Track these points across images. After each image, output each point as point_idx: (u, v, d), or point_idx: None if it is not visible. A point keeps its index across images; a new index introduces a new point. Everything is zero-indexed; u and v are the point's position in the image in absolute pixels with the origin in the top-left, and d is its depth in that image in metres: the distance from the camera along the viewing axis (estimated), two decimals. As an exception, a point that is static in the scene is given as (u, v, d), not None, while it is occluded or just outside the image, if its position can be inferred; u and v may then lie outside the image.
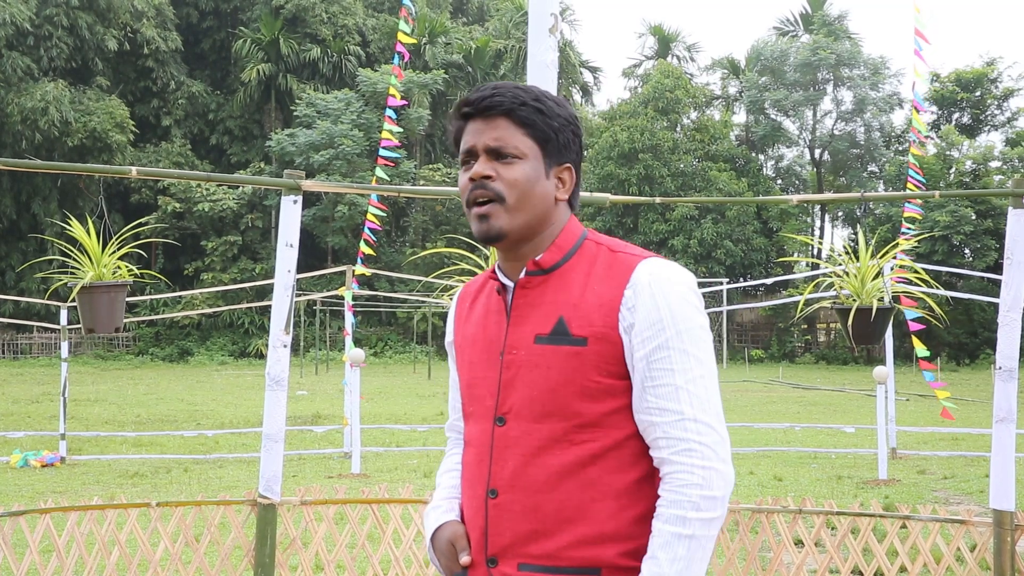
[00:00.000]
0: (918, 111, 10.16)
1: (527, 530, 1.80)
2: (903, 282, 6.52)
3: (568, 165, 1.92)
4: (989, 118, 37.55)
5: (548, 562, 1.79)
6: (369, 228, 10.31)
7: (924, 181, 10.26)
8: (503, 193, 1.84)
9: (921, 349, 9.49)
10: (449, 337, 2.09)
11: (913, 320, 9.45)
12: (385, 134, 10.11)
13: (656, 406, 1.77)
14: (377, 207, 10.31)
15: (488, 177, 1.85)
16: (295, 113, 38.34)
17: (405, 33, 9.67)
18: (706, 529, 1.72)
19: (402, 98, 10.69)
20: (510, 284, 1.92)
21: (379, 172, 10.32)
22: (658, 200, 5.17)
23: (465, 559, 1.87)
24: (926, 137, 34.61)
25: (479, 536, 1.86)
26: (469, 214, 1.89)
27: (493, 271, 1.97)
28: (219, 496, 4.66)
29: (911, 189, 9.70)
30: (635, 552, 1.78)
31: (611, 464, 1.80)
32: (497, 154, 1.86)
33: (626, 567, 1.78)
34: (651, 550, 1.74)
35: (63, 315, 12.16)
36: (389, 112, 10.17)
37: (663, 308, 1.78)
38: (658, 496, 1.78)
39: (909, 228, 10.16)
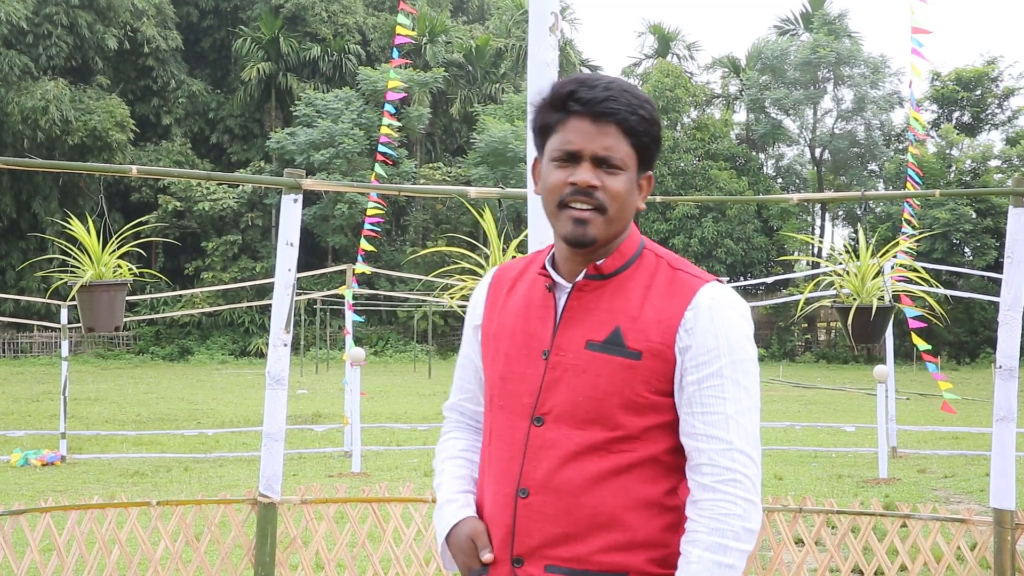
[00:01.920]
0: (916, 111, 10.16)
1: (558, 532, 1.79)
2: (903, 281, 6.52)
3: (650, 174, 1.90)
4: (989, 117, 37.55)
5: (577, 565, 1.78)
6: (370, 224, 10.33)
7: (920, 181, 10.27)
8: (607, 205, 1.81)
9: (922, 344, 9.51)
10: (476, 320, 2.02)
11: (913, 318, 9.47)
12: (384, 130, 10.11)
13: (704, 433, 1.76)
14: (376, 202, 10.34)
15: (595, 187, 1.80)
16: (295, 112, 38.34)
17: (404, 27, 9.65)
18: (741, 560, 1.73)
19: (402, 96, 10.70)
20: (565, 284, 1.88)
21: (377, 168, 10.34)
22: (659, 199, 5.16)
23: (488, 556, 1.84)
24: (926, 136, 34.61)
25: (504, 535, 1.84)
26: (559, 214, 1.83)
27: (543, 265, 1.92)
28: (219, 495, 4.67)
29: (910, 189, 9.71)
30: (663, 560, 1.78)
31: (646, 474, 1.79)
32: (604, 163, 1.81)
33: (654, 574, 1.78)
34: None
35: (63, 314, 12.15)
36: (388, 107, 10.17)
37: (720, 336, 1.78)
38: (690, 519, 1.77)
39: (908, 229, 10.17)
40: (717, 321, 1.78)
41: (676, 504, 1.80)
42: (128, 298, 4.88)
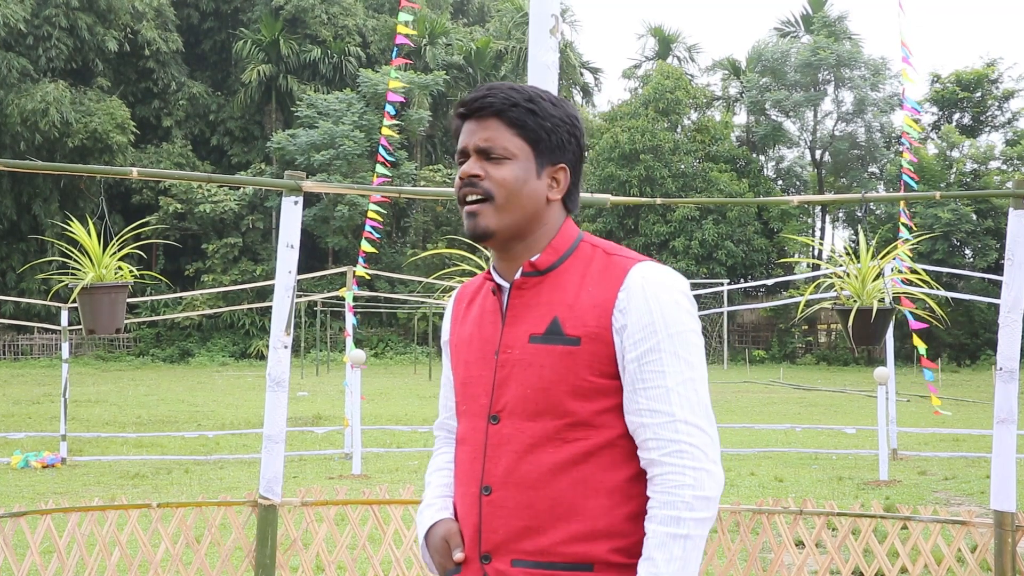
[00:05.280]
0: (910, 116, 10.23)
1: (520, 526, 1.82)
2: (904, 283, 6.53)
3: (562, 165, 1.93)
4: (990, 119, 37.56)
5: (541, 558, 1.80)
6: (371, 226, 10.34)
7: (917, 186, 10.33)
8: (492, 192, 1.87)
9: (921, 346, 9.55)
10: (445, 336, 2.11)
11: (914, 319, 9.50)
12: (385, 131, 10.12)
13: (647, 408, 1.78)
14: (378, 203, 10.37)
15: (477, 176, 1.88)
16: (296, 114, 38.38)
17: (405, 24, 9.65)
18: (700, 529, 1.74)
19: (403, 98, 10.72)
20: (505, 284, 1.93)
21: (379, 168, 10.36)
22: (659, 201, 5.16)
23: (459, 555, 1.88)
24: (924, 139, 34.63)
25: (472, 533, 1.88)
26: (461, 212, 1.93)
27: (489, 272, 1.99)
28: (220, 497, 4.67)
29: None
30: (627, 549, 1.80)
31: (603, 462, 1.81)
32: (487, 154, 1.89)
33: (618, 563, 1.79)
34: (647, 551, 1.75)
35: (64, 316, 12.16)
36: (389, 107, 10.18)
37: (655, 311, 1.80)
38: (648, 497, 1.79)
39: (905, 233, 10.20)
40: (650, 298, 1.80)
41: (639, 492, 1.82)
42: (129, 300, 4.87)
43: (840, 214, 40.55)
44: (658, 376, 1.78)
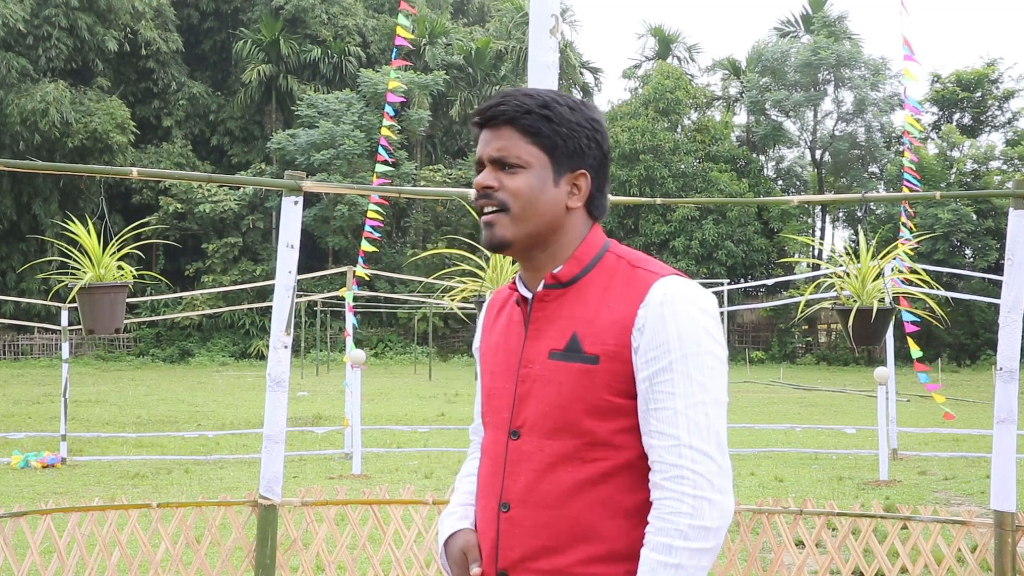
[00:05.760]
0: (911, 114, 10.22)
1: (538, 545, 1.79)
2: (904, 283, 6.53)
3: (583, 172, 1.87)
4: (990, 119, 37.57)
5: None
6: (371, 226, 10.33)
7: (920, 184, 10.32)
8: (507, 202, 1.83)
9: (916, 351, 9.54)
10: (476, 343, 2.09)
11: (908, 321, 9.49)
12: (385, 132, 10.12)
13: (656, 429, 1.74)
14: (377, 203, 10.36)
15: (491, 187, 1.85)
16: (296, 114, 38.38)
17: (404, 28, 9.66)
18: (694, 559, 1.69)
19: (403, 98, 10.72)
20: (528, 296, 1.90)
21: (380, 168, 10.35)
22: (659, 201, 5.17)
23: (476, 570, 1.86)
24: (924, 139, 34.61)
25: (490, 548, 1.86)
26: (480, 223, 1.90)
27: (514, 282, 1.95)
28: (220, 497, 4.67)
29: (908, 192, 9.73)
30: None
31: (623, 483, 1.78)
32: (501, 164, 1.84)
33: None
34: None
35: (64, 316, 12.16)
36: (388, 108, 10.18)
37: (671, 329, 1.74)
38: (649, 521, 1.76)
39: (905, 233, 10.20)
40: (667, 316, 1.74)
41: None
42: (128, 300, 4.87)
43: (840, 214, 40.56)
44: (668, 397, 1.73)
